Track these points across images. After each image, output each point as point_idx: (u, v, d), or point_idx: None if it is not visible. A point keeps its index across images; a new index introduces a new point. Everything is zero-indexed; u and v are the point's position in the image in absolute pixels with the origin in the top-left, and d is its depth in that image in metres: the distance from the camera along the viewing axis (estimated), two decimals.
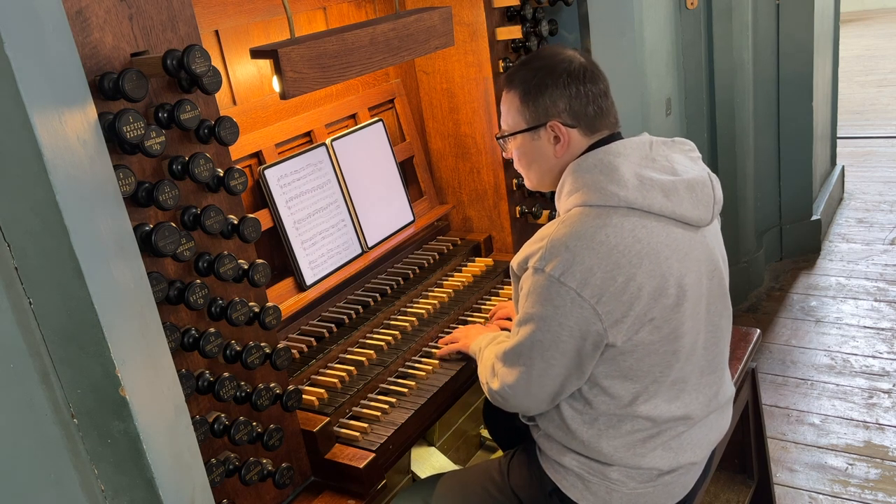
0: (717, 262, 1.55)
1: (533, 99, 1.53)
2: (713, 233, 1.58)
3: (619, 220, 1.41)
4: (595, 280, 1.39)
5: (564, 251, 1.40)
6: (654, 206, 1.43)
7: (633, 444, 1.53)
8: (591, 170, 1.47)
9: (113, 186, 1.04)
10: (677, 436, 1.56)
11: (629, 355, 1.46)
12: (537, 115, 1.54)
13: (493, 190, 2.38)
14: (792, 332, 3.68)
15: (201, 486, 1.18)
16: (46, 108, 0.94)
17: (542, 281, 1.42)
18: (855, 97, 7.53)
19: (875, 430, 2.94)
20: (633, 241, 1.41)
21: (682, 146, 1.59)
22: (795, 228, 4.37)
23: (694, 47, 3.40)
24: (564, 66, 1.52)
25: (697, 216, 1.48)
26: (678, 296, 1.45)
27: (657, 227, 1.43)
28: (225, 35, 1.83)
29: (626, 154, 1.48)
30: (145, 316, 1.09)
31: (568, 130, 1.52)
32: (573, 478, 1.58)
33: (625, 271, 1.39)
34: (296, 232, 1.95)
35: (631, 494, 1.56)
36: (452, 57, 2.29)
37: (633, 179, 1.44)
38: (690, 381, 1.54)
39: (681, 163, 1.53)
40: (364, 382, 1.77)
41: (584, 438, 1.54)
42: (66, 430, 1.07)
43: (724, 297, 1.59)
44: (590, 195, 1.45)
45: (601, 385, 1.50)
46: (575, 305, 1.40)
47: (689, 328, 1.49)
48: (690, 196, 1.47)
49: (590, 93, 1.52)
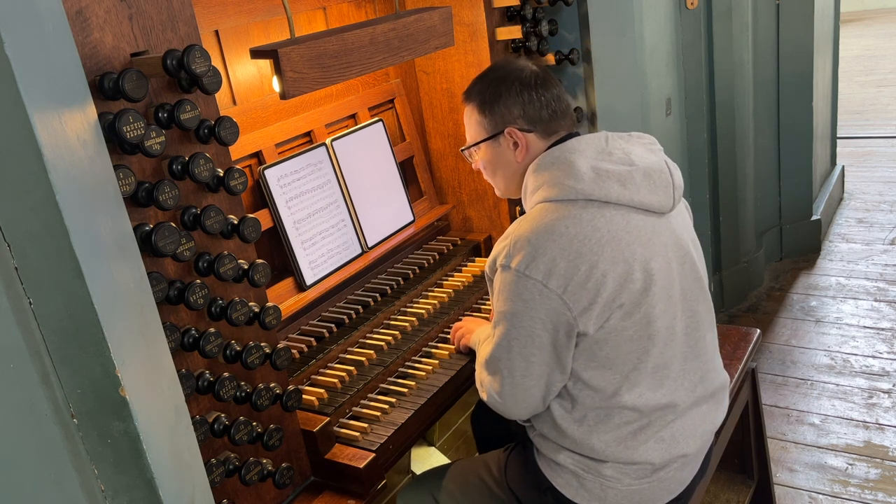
0: (687, 248, 1.59)
1: (489, 108, 1.62)
2: (679, 220, 1.61)
3: (577, 212, 1.47)
4: (559, 270, 1.43)
5: (527, 245, 1.46)
6: (612, 195, 1.48)
7: (624, 437, 1.54)
8: (549, 167, 1.54)
9: (113, 186, 1.04)
10: (667, 425, 1.56)
11: (604, 344, 1.49)
12: (495, 124, 1.63)
13: (493, 190, 2.38)
14: (792, 332, 3.68)
15: (201, 486, 1.18)
16: (46, 108, 0.94)
17: (510, 277, 1.47)
18: (855, 97, 7.53)
19: (875, 430, 2.94)
20: (592, 230, 1.45)
21: (639, 139, 1.64)
22: (795, 228, 4.37)
23: (694, 47, 3.40)
24: (516, 74, 1.61)
25: (658, 202, 1.52)
26: (645, 280, 1.48)
27: (616, 216, 1.48)
28: (225, 35, 1.83)
29: (582, 150, 1.54)
30: (145, 316, 1.09)
31: (525, 135, 1.61)
32: (568, 475, 1.58)
33: (587, 259, 1.43)
34: (296, 232, 1.95)
35: (626, 491, 1.56)
36: (452, 57, 2.29)
37: (589, 172, 1.49)
38: (673, 368, 1.56)
39: (638, 154, 1.57)
40: (364, 382, 1.77)
41: (575, 436, 1.55)
42: (66, 430, 1.07)
43: (698, 282, 1.61)
44: (550, 191, 1.51)
45: (582, 379, 1.52)
46: (543, 297, 1.44)
47: (662, 312, 1.51)
48: (647, 183, 1.51)
49: (542, 97, 1.60)
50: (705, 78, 3.51)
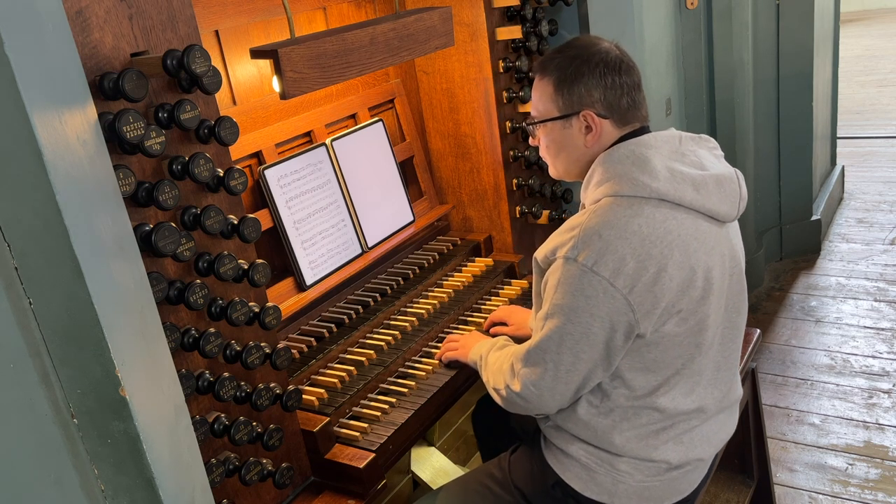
0: (739, 260, 1.57)
1: (568, 87, 1.52)
2: (735, 230, 1.60)
3: (651, 211, 1.42)
4: (628, 269, 1.39)
5: (597, 240, 1.40)
6: (685, 198, 1.44)
7: (646, 435, 1.53)
8: (623, 160, 1.47)
9: (113, 186, 1.04)
10: (690, 430, 1.56)
11: (654, 347, 1.46)
12: (571, 104, 1.53)
13: (493, 190, 2.38)
14: (792, 332, 3.68)
15: (201, 486, 1.18)
16: (46, 108, 0.94)
17: (574, 271, 1.41)
18: (855, 97, 7.53)
19: (875, 430, 2.94)
20: (665, 232, 1.41)
21: (706, 143, 1.61)
22: (795, 228, 4.37)
23: (694, 47, 3.40)
24: (601, 56, 1.51)
25: (725, 211, 1.49)
26: (705, 288, 1.46)
27: (687, 220, 1.45)
28: (225, 35, 1.83)
29: (657, 146, 1.49)
30: (145, 316, 1.09)
31: (601, 121, 1.52)
32: (578, 468, 1.57)
33: (656, 261, 1.40)
34: (296, 232, 1.95)
35: (637, 487, 1.55)
36: (452, 57, 2.29)
37: (664, 171, 1.45)
38: (705, 375, 1.55)
39: (707, 159, 1.54)
40: (364, 382, 1.77)
41: (597, 429, 1.53)
42: (66, 430, 1.07)
43: (742, 294, 1.60)
44: (621, 185, 1.45)
45: (623, 377, 1.50)
46: (607, 295, 1.40)
47: (713, 321, 1.50)
48: (719, 191, 1.48)
49: (624, 84, 1.51)
50: (705, 78, 3.52)
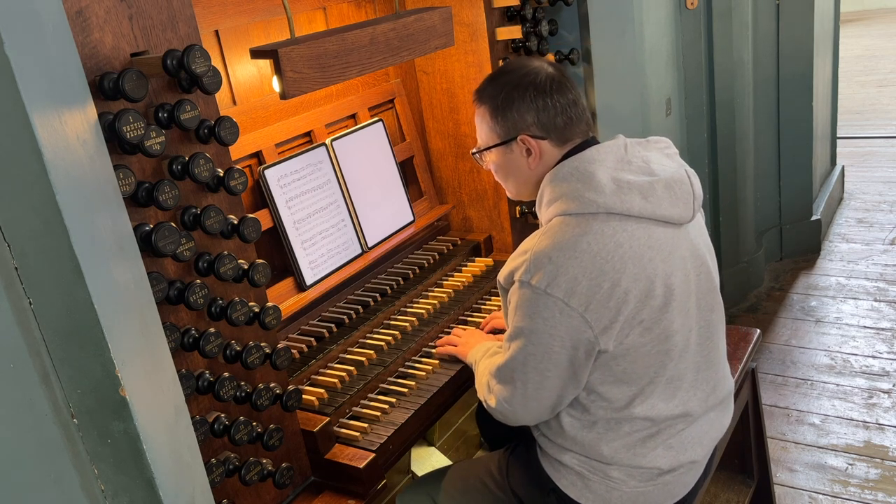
0: (704, 257, 1.56)
1: (502, 114, 1.55)
2: (696, 228, 1.58)
3: (599, 227, 1.42)
4: (581, 289, 1.39)
5: (548, 263, 1.41)
6: (633, 208, 1.44)
7: (633, 444, 1.53)
8: (568, 178, 1.48)
9: (113, 186, 1.04)
10: (677, 433, 1.56)
11: (622, 359, 1.47)
12: (507, 130, 1.56)
13: (493, 190, 2.38)
14: (792, 332, 3.68)
15: (201, 486, 1.18)
16: (46, 108, 0.94)
17: (529, 294, 1.43)
18: (855, 97, 7.53)
19: (875, 430, 2.94)
20: (615, 247, 1.41)
21: (656, 144, 1.60)
22: (795, 228, 4.37)
23: (694, 47, 3.40)
24: (530, 79, 1.53)
25: (678, 214, 1.49)
26: (665, 296, 1.46)
27: (638, 230, 1.44)
28: (225, 35, 1.83)
29: (601, 159, 1.49)
30: (145, 316, 1.09)
31: (538, 142, 1.54)
32: (573, 476, 1.58)
33: (609, 277, 1.40)
34: (296, 232, 1.95)
35: (631, 493, 1.56)
36: (452, 57, 2.29)
37: (609, 184, 1.44)
38: (686, 379, 1.55)
39: (657, 161, 1.53)
40: (364, 382, 1.77)
41: (584, 442, 1.54)
42: (66, 430, 1.07)
43: (713, 292, 1.59)
44: (569, 204, 1.46)
45: (597, 391, 1.51)
46: (564, 315, 1.41)
47: (680, 326, 1.50)
48: (669, 195, 1.48)
49: (557, 104, 1.53)
50: (705, 78, 3.51)
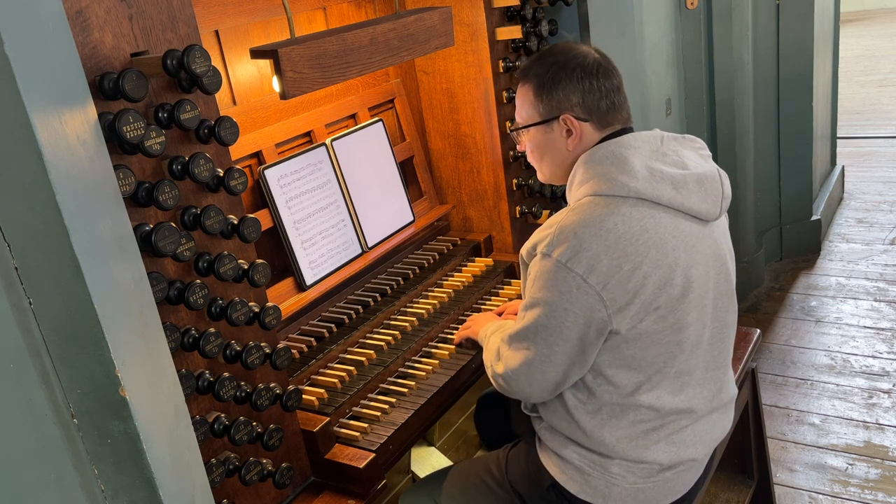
0: (725, 259, 1.58)
1: (546, 92, 1.56)
2: (721, 229, 1.60)
3: (627, 210, 1.44)
4: (601, 267, 1.41)
5: (572, 237, 1.43)
6: (664, 197, 1.45)
7: (636, 435, 1.53)
8: (603, 161, 1.49)
9: (113, 186, 1.04)
10: (680, 430, 1.56)
11: (633, 343, 1.47)
12: (550, 109, 1.57)
13: (493, 190, 2.38)
14: (792, 332, 3.68)
15: (201, 486, 1.18)
16: (46, 108, 0.94)
17: (549, 266, 1.44)
18: (855, 97, 7.54)
19: (875, 430, 2.94)
20: (641, 231, 1.43)
21: (692, 143, 1.62)
22: (795, 228, 4.38)
23: (694, 47, 3.40)
24: (578, 60, 1.55)
25: (706, 210, 1.50)
26: (684, 286, 1.47)
27: (665, 219, 1.46)
28: (225, 35, 1.83)
29: (637, 146, 1.51)
30: (145, 316, 1.09)
31: (580, 124, 1.55)
32: (573, 471, 1.58)
33: (631, 259, 1.41)
34: (296, 232, 1.95)
35: (631, 489, 1.56)
36: (452, 57, 2.29)
37: (643, 171, 1.46)
38: (695, 375, 1.55)
39: (690, 158, 1.55)
40: (364, 382, 1.77)
41: (586, 428, 1.54)
42: (66, 430, 1.08)
43: (730, 294, 1.60)
44: (600, 185, 1.47)
45: (604, 374, 1.51)
46: (580, 291, 1.42)
47: (694, 320, 1.50)
48: (699, 190, 1.49)
49: (602, 87, 1.54)
50: (705, 78, 3.52)
